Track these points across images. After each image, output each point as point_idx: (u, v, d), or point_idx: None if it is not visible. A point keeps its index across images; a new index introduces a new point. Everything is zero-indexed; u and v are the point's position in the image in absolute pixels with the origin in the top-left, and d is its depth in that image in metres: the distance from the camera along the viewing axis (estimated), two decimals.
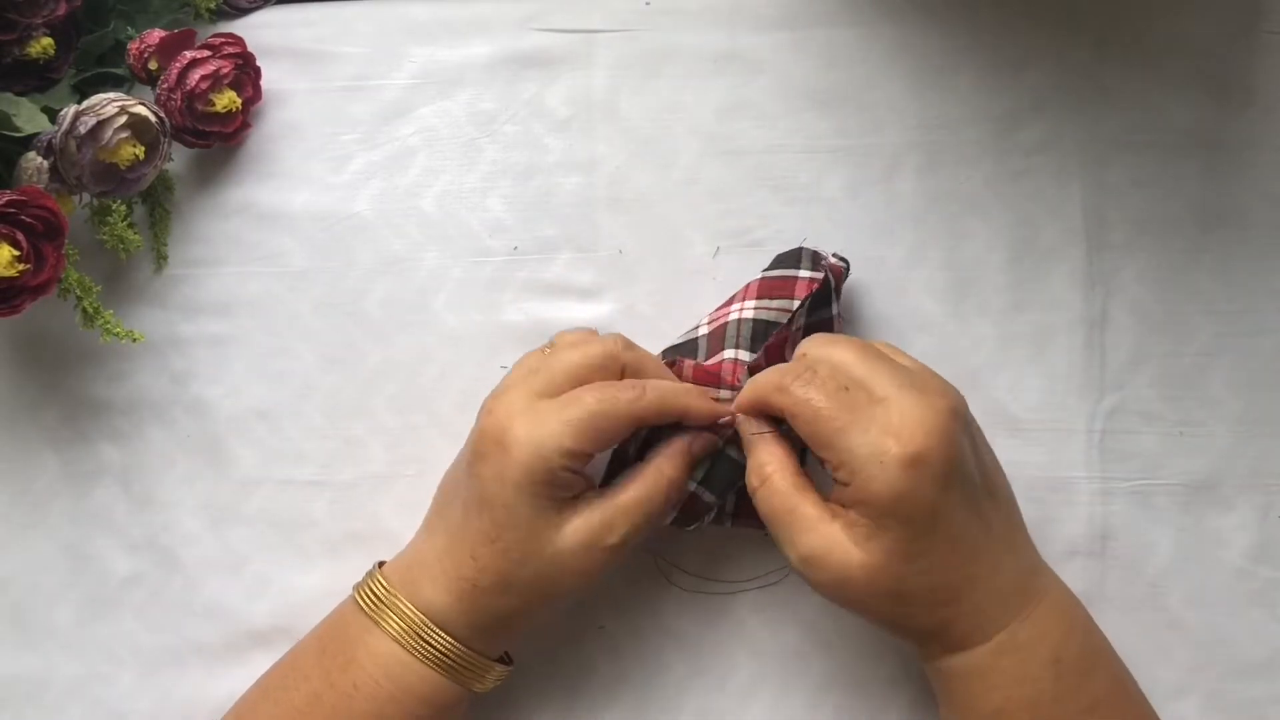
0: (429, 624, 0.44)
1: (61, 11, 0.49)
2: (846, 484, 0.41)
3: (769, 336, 0.48)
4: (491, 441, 0.43)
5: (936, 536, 0.41)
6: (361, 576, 0.47)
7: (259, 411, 0.54)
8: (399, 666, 0.44)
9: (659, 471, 0.45)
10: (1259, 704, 0.51)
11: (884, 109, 0.54)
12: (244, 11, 0.56)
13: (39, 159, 0.48)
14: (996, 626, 0.43)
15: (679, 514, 0.47)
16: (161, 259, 0.54)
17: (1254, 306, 0.53)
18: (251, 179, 0.55)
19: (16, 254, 0.45)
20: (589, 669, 0.52)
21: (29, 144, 0.48)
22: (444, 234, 0.54)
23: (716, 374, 0.48)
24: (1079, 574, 0.52)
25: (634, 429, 0.45)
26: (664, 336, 0.51)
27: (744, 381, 0.47)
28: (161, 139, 0.51)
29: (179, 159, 0.55)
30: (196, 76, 0.51)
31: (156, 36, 0.52)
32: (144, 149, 0.50)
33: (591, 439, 0.43)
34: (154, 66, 0.52)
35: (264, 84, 0.55)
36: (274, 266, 0.54)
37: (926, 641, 0.44)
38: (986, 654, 0.43)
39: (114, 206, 0.51)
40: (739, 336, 0.48)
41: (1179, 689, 0.51)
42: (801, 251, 0.50)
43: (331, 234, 0.55)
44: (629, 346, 0.46)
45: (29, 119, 0.49)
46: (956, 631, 0.43)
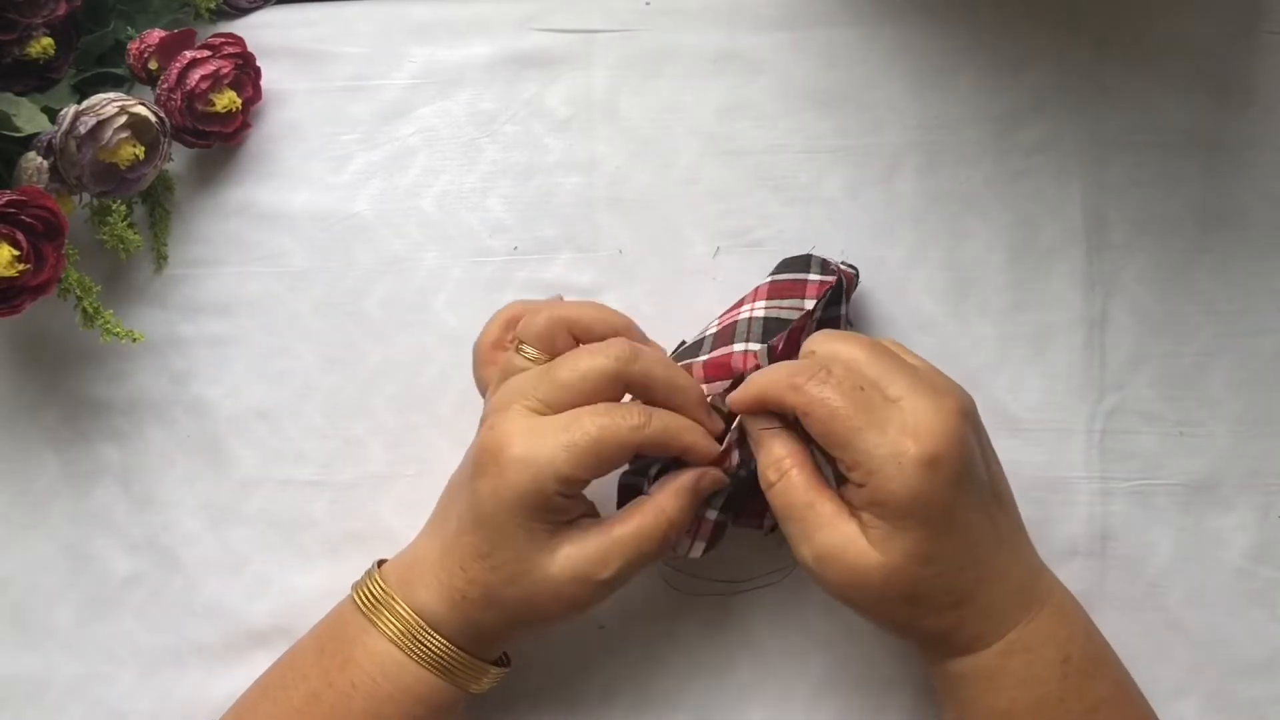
0: (424, 626, 0.44)
1: (61, 11, 0.49)
2: (861, 485, 0.41)
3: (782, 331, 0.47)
4: (489, 458, 0.43)
5: (952, 538, 0.41)
6: (360, 576, 0.47)
7: (259, 411, 0.54)
8: (395, 667, 0.44)
9: (660, 509, 0.44)
10: (1259, 704, 0.51)
11: (884, 109, 0.54)
12: (244, 11, 0.56)
13: (39, 159, 0.48)
14: (1004, 629, 0.42)
15: (707, 544, 0.47)
16: (161, 259, 0.54)
17: (1254, 306, 0.53)
18: (251, 179, 0.55)
19: (16, 254, 0.45)
20: (589, 669, 0.52)
21: (29, 144, 0.48)
22: (444, 234, 0.54)
23: (727, 365, 0.46)
24: (1079, 574, 0.52)
25: (632, 456, 0.44)
26: (664, 337, 0.51)
27: (761, 364, 0.45)
28: (161, 139, 0.51)
29: (179, 159, 0.55)
30: (196, 76, 0.51)
31: (156, 36, 0.52)
32: (144, 149, 0.50)
33: (589, 466, 0.42)
34: (154, 66, 0.52)
35: (264, 84, 0.55)
36: (274, 266, 0.54)
37: (934, 644, 0.44)
38: (994, 656, 0.42)
39: (114, 206, 0.51)
40: (749, 333, 0.47)
41: (1179, 689, 0.51)
42: (810, 258, 0.49)
43: (331, 234, 0.55)
44: (634, 358, 0.44)
45: (29, 119, 0.49)
46: (965, 634, 0.42)
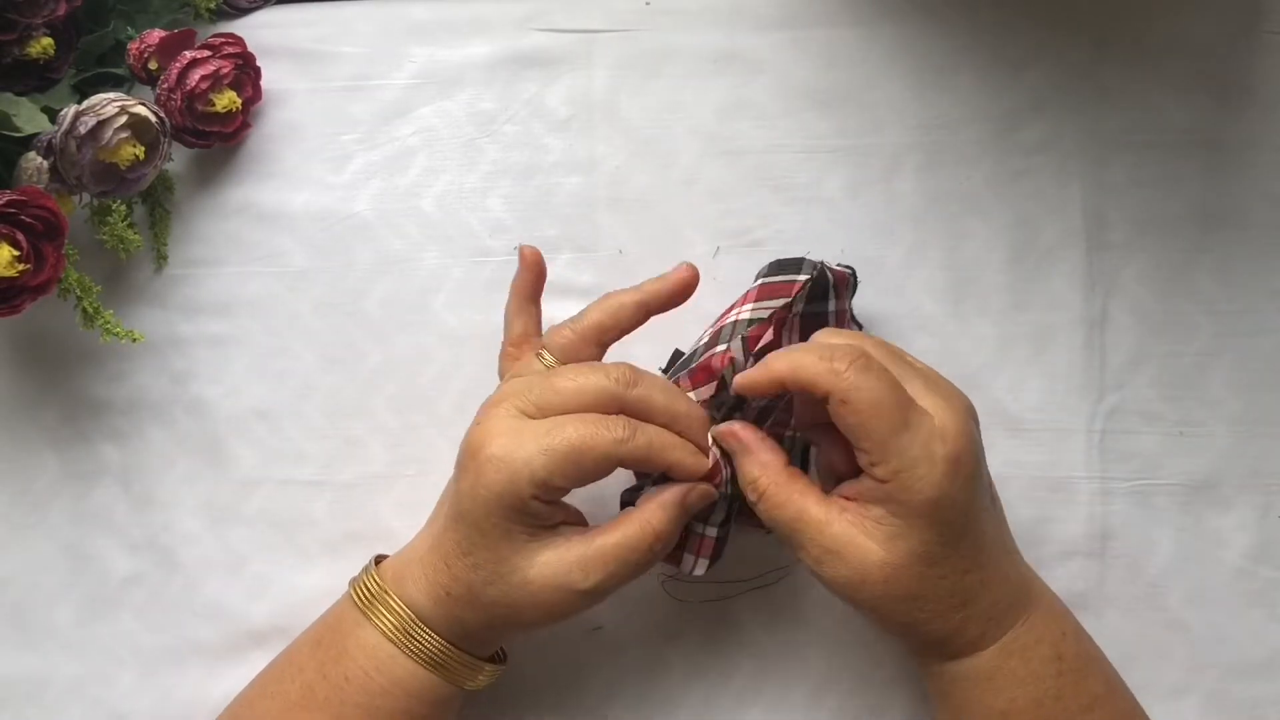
0: (417, 622, 0.44)
1: (61, 11, 0.49)
2: (885, 481, 0.40)
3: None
4: (469, 455, 0.43)
5: (962, 541, 0.41)
6: (359, 571, 0.47)
7: (259, 411, 0.54)
8: (389, 660, 0.44)
9: (645, 522, 0.43)
10: (1259, 704, 0.51)
11: (884, 109, 0.54)
12: (244, 11, 0.56)
13: (39, 159, 0.48)
14: (1003, 629, 0.43)
15: (710, 561, 0.46)
16: (161, 259, 0.54)
17: (1254, 306, 0.53)
18: (251, 179, 0.55)
19: (16, 254, 0.45)
20: (588, 669, 0.52)
21: (29, 144, 0.48)
22: (444, 234, 0.54)
23: (709, 368, 0.46)
24: (1079, 574, 0.52)
25: (615, 469, 0.43)
26: (664, 337, 0.51)
27: (739, 362, 0.45)
28: (161, 139, 0.51)
29: (179, 159, 0.55)
30: (196, 76, 0.51)
31: (156, 36, 0.52)
32: (144, 149, 0.50)
33: (566, 473, 0.41)
34: (154, 66, 0.52)
35: (264, 84, 0.55)
36: (274, 266, 0.54)
37: (934, 646, 0.43)
38: (993, 656, 0.42)
39: (114, 206, 0.51)
40: (733, 335, 0.47)
41: (1179, 689, 0.51)
42: (803, 261, 0.49)
43: (331, 234, 0.55)
44: (634, 383, 0.43)
45: (29, 119, 0.49)
46: (967, 636, 0.42)
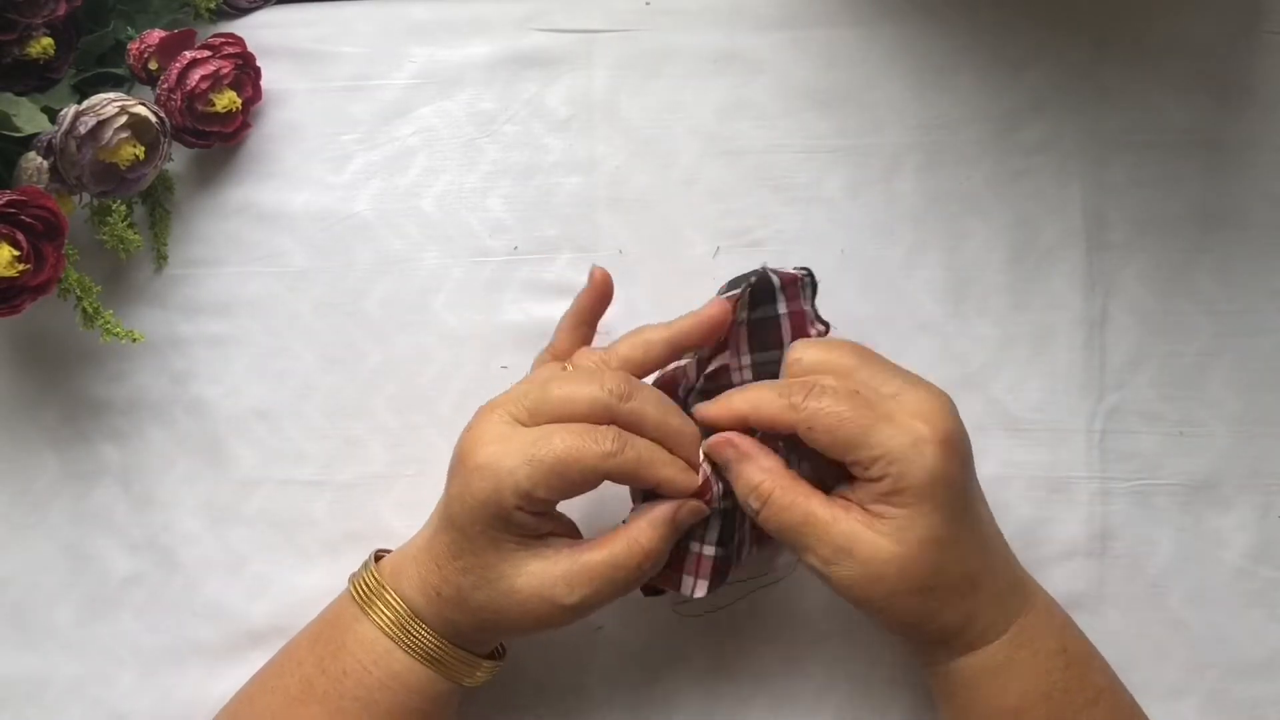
0: (413, 618, 0.44)
1: (61, 11, 0.49)
2: (880, 478, 0.41)
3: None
4: (459, 461, 0.43)
5: (966, 521, 0.42)
6: (359, 567, 0.47)
7: (259, 411, 0.54)
8: (387, 656, 0.44)
9: (634, 539, 0.42)
10: (1259, 704, 0.51)
11: (884, 109, 0.54)
12: (244, 11, 0.56)
13: (39, 159, 0.48)
14: (1008, 620, 0.42)
15: (710, 582, 0.45)
16: (161, 259, 0.54)
17: (1254, 306, 0.53)
18: (251, 179, 0.55)
19: (16, 254, 0.45)
20: (588, 669, 0.52)
21: (29, 144, 0.48)
22: (444, 234, 0.54)
23: (672, 381, 0.46)
24: (1079, 574, 0.52)
25: (603, 481, 0.42)
26: None
27: (689, 375, 0.45)
28: (161, 139, 0.51)
29: (179, 159, 0.55)
30: (196, 76, 0.51)
31: (156, 36, 0.52)
32: (144, 149, 0.50)
33: (551, 485, 0.41)
34: (154, 66, 0.52)
35: (264, 84, 0.55)
36: (274, 266, 0.54)
37: (944, 641, 0.43)
38: (1003, 647, 0.42)
39: (114, 206, 0.51)
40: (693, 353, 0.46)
41: (1179, 689, 0.51)
42: (754, 273, 0.47)
43: (331, 234, 0.54)
44: (627, 396, 0.42)
45: (29, 119, 0.49)
46: (977, 626, 0.42)
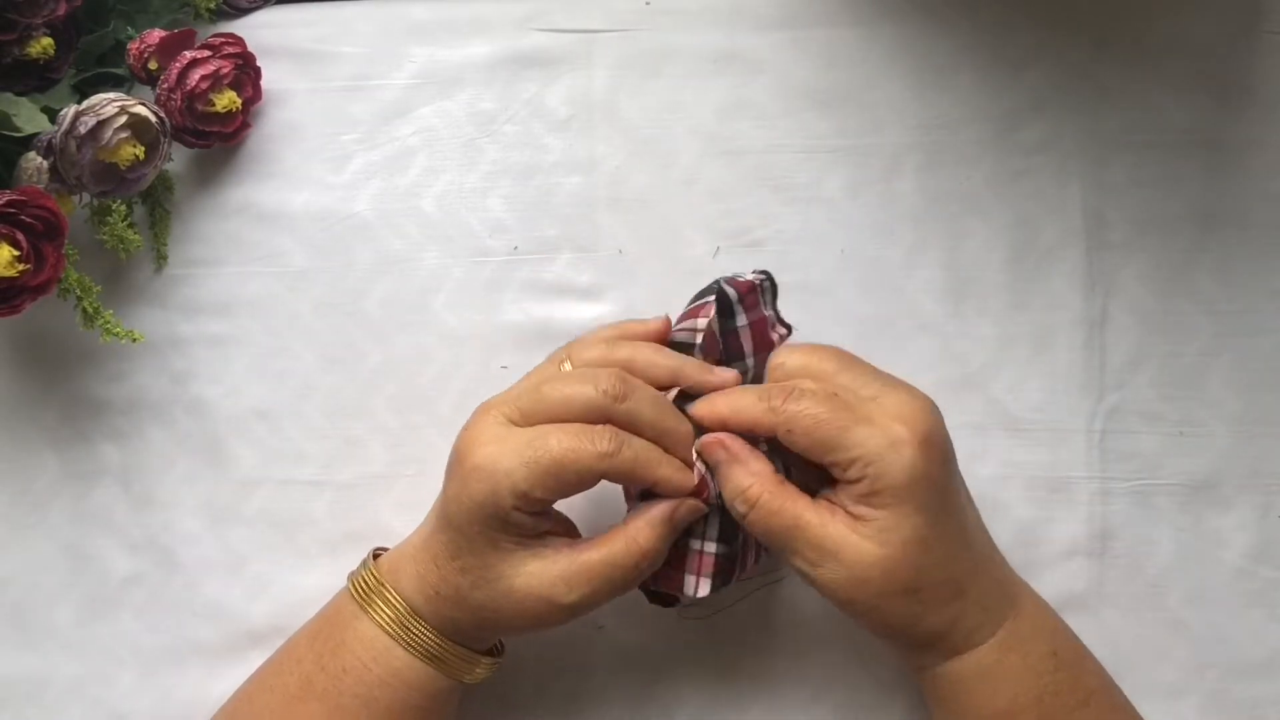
0: (412, 616, 0.44)
1: (61, 11, 0.49)
2: (859, 479, 0.41)
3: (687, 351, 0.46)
4: (456, 462, 0.43)
5: (949, 521, 0.42)
6: (357, 565, 0.47)
7: (259, 411, 0.54)
8: (386, 652, 0.44)
9: (632, 539, 0.42)
10: (1259, 704, 0.51)
11: (884, 109, 0.54)
12: (244, 11, 0.56)
13: (39, 159, 0.48)
14: (998, 621, 0.43)
15: (713, 580, 0.45)
16: (161, 259, 0.54)
17: (1254, 306, 0.53)
18: (251, 179, 0.55)
19: (16, 254, 0.45)
20: (588, 669, 0.52)
21: (29, 144, 0.48)
22: (444, 234, 0.54)
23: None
24: (1079, 574, 0.52)
25: (599, 481, 0.42)
26: None
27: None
28: (161, 139, 0.51)
29: (179, 159, 0.55)
30: (196, 76, 0.51)
31: (156, 36, 0.52)
32: (144, 149, 0.50)
33: (547, 486, 0.41)
34: (154, 66, 0.52)
35: (264, 84, 0.55)
36: (274, 266, 0.54)
37: (932, 645, 0.43)
38: (992, 650, 0.42)
39: (114, 206, 0.51)
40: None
41: (1179, 689, 0.51)
42: (713, 288, 0.47)
43: (331, 234, 0.54)
44: (623, 396, 0.42)
45: (29, 119, 0.49)
46: (964, 628, 0.42)
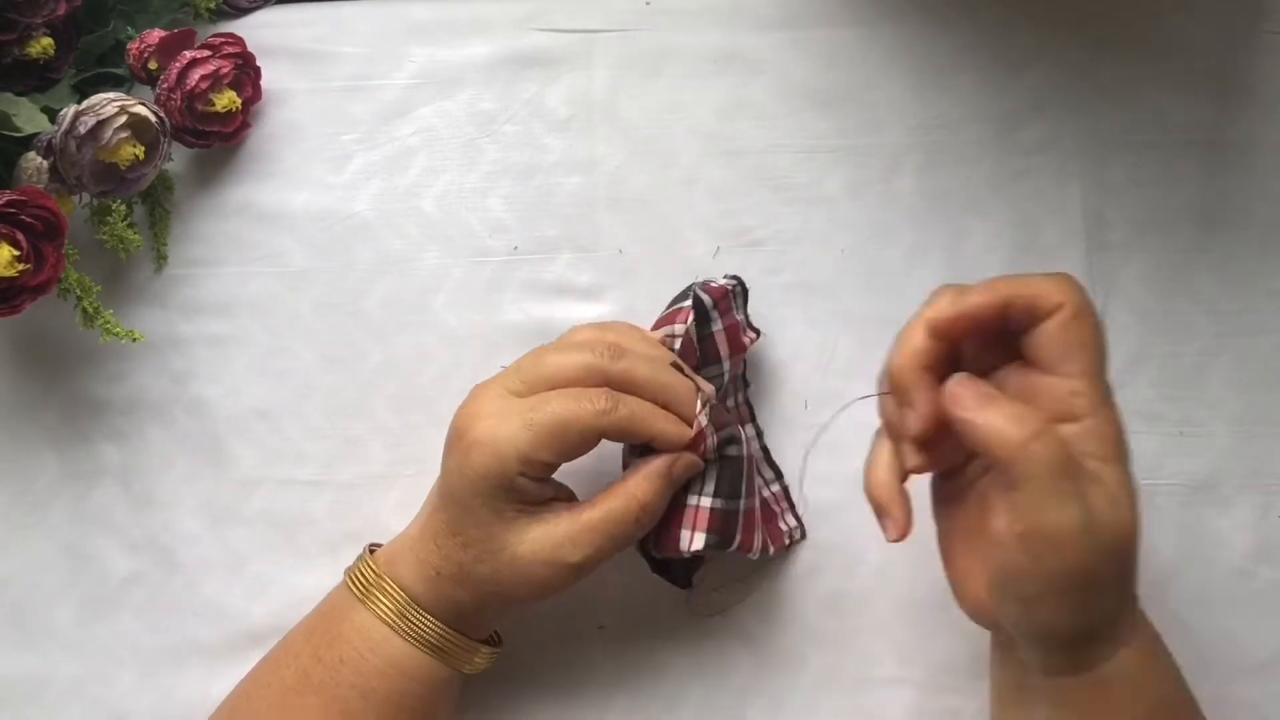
0: (412, 605, 0.44)
1: (61, 11, 0.49)
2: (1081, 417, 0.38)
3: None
4: (456, 436, 0.43)
5: None
6: (353, 561, 0.47)
7: (259, 411, 0.54)
8: (384, 642, 0.44)
9: (630, 494, 0.44)
10: (1259, 704, 0.51)
11: (884, 109, 0.54)
12: (244, 11, 0.56)
13: (39, 159, 0.48)
14: (1142, 617, 0.40)
15: (708, 535, 0.45)
16: (161, 259, 0.54)
17: (1254, 306, 0.53)
18: (251, 179, 0.55)
19: (16, 254, 0.45)
20: (588, 668, 0.52)
21: (29, 144, 0.48)
22: (444, 234, 0.54)
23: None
24: None
25: (599, 441, 0.43)
26: None
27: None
28: (161, 139, 0.51)
29: (179, 159, 0.55)
30: (196, 76, 0.51)
31: (156, 36, 0.52)
32: (144, 149, 0.50)
33: (551, 448, 0.42)
34: (154, 66, 0.52)
35: (264, 84, 0.55)
36: (274, 266, 0.54)
37: (1097, 639, 0.39)
38: (1146, 644, 0.40)
39: (114, 206, 0.51)
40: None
41: None
42: (687, 294, 0.48)
43: (331, 234, 0.54)
44: (618, 356, 0.44)
45: (29, 119, 0.49)
46: (1126, 620, 0.39)
